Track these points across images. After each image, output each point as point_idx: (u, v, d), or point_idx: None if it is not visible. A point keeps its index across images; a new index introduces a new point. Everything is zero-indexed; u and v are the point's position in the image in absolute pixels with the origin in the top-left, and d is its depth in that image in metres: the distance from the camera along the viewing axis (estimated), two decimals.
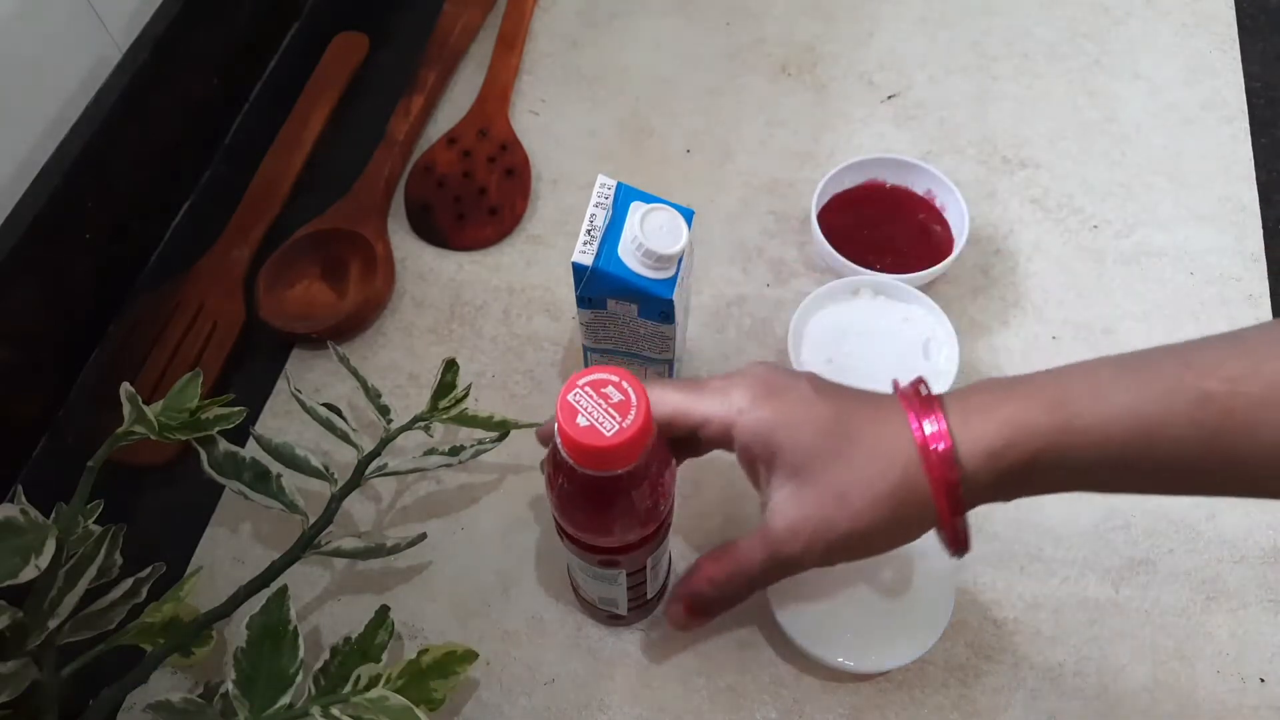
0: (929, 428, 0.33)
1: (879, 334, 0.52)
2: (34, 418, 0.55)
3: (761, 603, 0.48)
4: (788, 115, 0.66)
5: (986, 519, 0.50)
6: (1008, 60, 0.68)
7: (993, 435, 0.32)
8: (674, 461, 0.38)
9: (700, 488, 0.51)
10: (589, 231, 0.45)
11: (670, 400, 0.38)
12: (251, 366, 0.57)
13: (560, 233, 0.61)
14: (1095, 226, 0.60)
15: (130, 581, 0.44)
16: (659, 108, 0.67)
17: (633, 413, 0.33)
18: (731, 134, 0.65)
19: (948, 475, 0.32)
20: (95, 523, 0.43)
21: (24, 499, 0.41)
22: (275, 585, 0.43)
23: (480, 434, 0.50)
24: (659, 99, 0.67)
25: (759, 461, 0.37)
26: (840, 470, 0.34)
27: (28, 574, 0.39)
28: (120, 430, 0.45)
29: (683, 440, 0.39)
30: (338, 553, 0.46)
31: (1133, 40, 0.69)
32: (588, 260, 0.44)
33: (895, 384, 0.37)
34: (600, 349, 0.50)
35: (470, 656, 0.44)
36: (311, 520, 0.46)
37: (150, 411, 0.45)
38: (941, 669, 0.46)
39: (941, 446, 0.32)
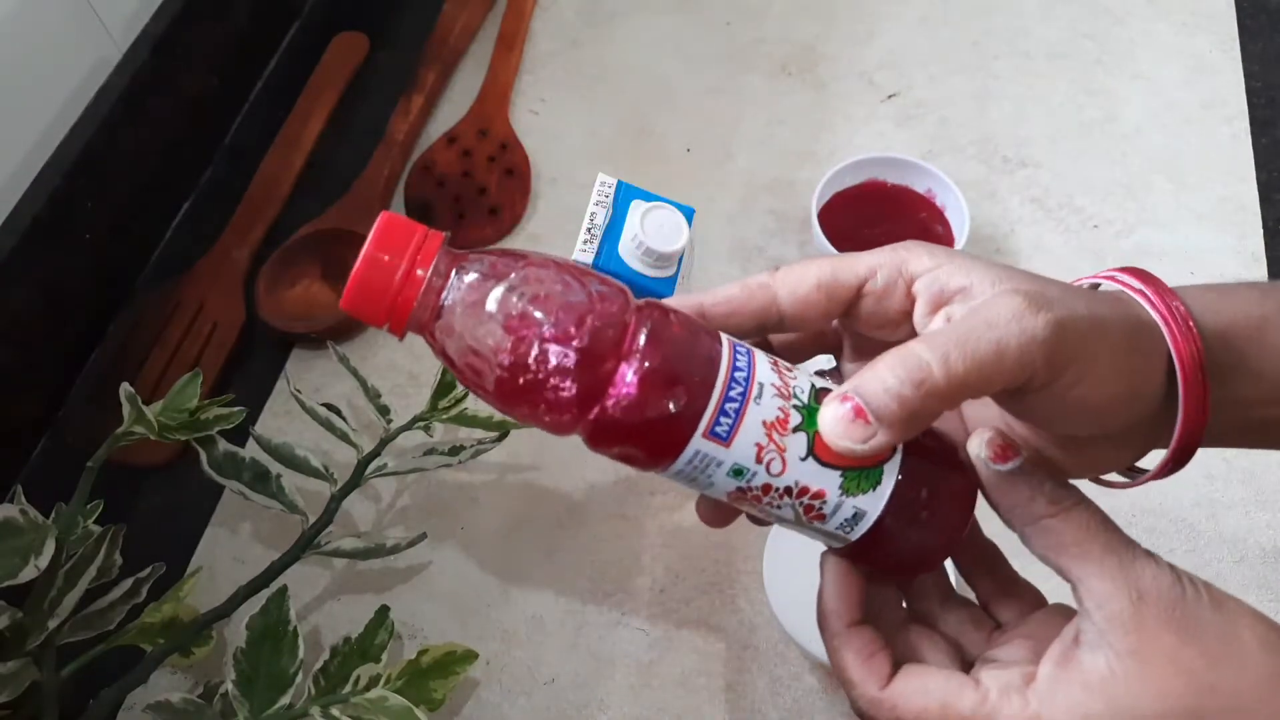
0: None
1: None
2: (34, 418, 0.55)
3: (762, 602, 0.47)
4: (788, 114, 0.66)
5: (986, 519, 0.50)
6: (1008, 59, 0.68)
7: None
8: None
9: None
10: (589, 230, 0.45)
11: (813, 268, 0.29)
12: (251, 366, 0.57)
13: (560, 232, 0.61)
14: (1096, 226, 0.60)
15: (130, 582, 0.45)
16: (659, 107, 0.67)
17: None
18: (732, 133, 0.65)
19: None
20: (95, 523, 0.43)
21: (24, 499, 0.41)
22: (275, 585, 0.43)
23: (480, 434, 0.50)
24: (659, 98, 0.67)
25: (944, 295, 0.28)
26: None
27: (27, 574, 0.39)
28: (120, 430, 0.45)
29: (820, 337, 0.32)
30: (337, 553, 0.46)
31: (1133, 40, 0.68)
32: (588, 259, 0.44)
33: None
34: None
35: (470, 656, 0.44)
36: (311, 520, 0.46)
37: (150, 412, 0.45)
38: None
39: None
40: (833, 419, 0.26)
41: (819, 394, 0.27)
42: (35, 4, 0.52)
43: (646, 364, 0.26)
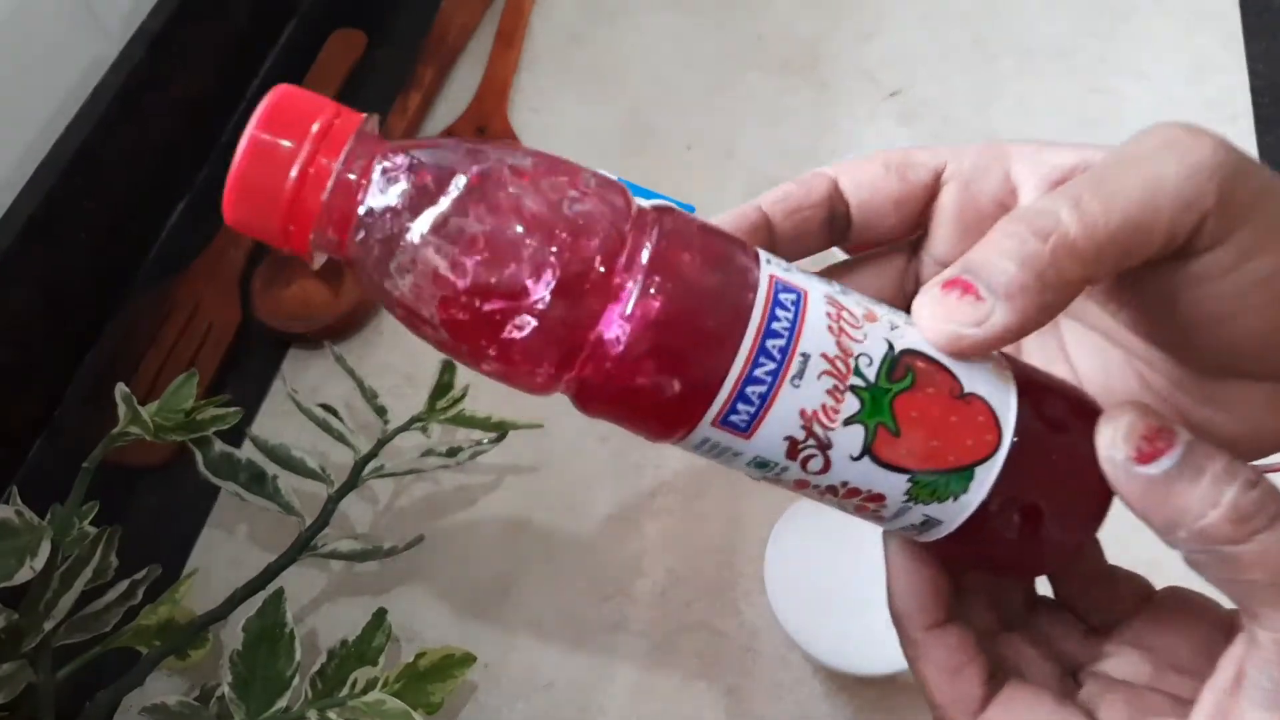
0: None
1: None
2: (30, 419, 0.54)
3: (764, 605, 0.47)
4: (789, 113, 0.66)
5: None
6: (1011, 57, 0.68)
7: None
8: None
9: (704, 489, 0.51)
10: None
11: (879, 154, 0.23)
12: (247, 367, 0.56)
13: None
14: None
15: (126, 584, 0.44)
16: (659, 105, 0.66)
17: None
18: (732, 131, 0.65)
19: None
20: (91, 524, 0.43)
21: (19, 500, 0.41)
22: (272, 588, 0.43)
23: (478, 435, 0.49)
24: (659, 96, 0.67)
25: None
26: None
27: (23, 575, 0.39)
28: (115, 431, 0.45)
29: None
30: (334, 555, 0.46)
31: (1136, 38, 0.68)
32: None
33: None
34: None
35: (468, 660, 0.44)
36: (308, 522, 0.46)
37: (145, 412, 0.45)
38: None
39: None
40: (929, 304, 0.19)
41: (899, 361, 0.19)
42: (30, 1, 0.51)
43: (640, 313, 0.18)
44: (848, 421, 0.19)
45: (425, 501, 0.51)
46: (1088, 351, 0.23)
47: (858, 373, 0.19)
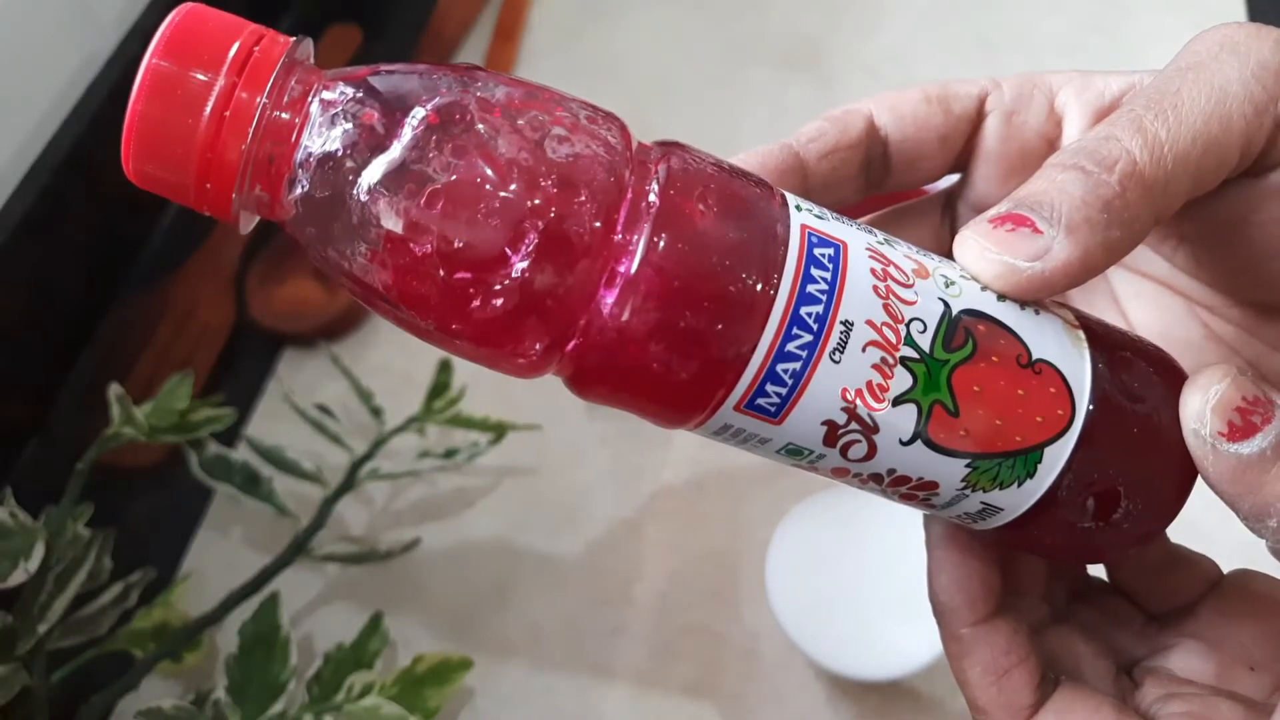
0: None
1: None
2: (23, 419, 0.54)
3: (766, 608, 0.47)
4: (791, 109, 0.65)
5: None
6: (1016, 54, 0.67)
7: None
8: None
9: (705, 491, 0.50)
10: None
11: (915, 87, 0.21)
12: (242, 367, 0.56)
13: None
14: None
15: (120, 586, 0.44)
16: (660, 101, 0.66)
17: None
18: (734, 128, 0.64)
19: None
20: (85, 526, 0.43)
21: (13, 501, 0.41)
22: (267, 590, 0.43)
23: (476, 436, 0.49)
24: (660, 92, 0.66)
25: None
26: None
27: (17, 578, 0.38)
28: (109, 432, 0.44)
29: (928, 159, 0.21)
30: (330, 557, 0.46)
31: (1143, 35, 0.67)
32: None
33: None
34: None
35: (465, 665, 0.43)
36: (303, 524, 0.46)
37: (139, 413, 0.44)
38: None
39: None
40: (975, 237, 0.16)
41: (958, 325, 0.16)
42: None
43: (644, 279, 0.15)
44: (898, 400, 0.16)
45: (422, 504, 0.51)
46: (1143, 302, 0.21)
47: (909, 342, 0.16)
